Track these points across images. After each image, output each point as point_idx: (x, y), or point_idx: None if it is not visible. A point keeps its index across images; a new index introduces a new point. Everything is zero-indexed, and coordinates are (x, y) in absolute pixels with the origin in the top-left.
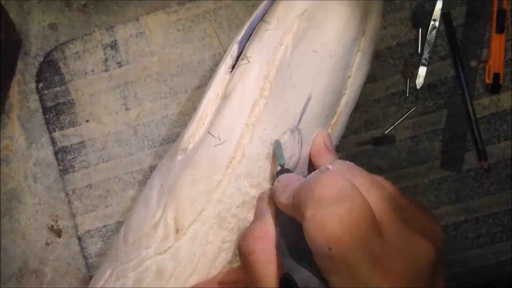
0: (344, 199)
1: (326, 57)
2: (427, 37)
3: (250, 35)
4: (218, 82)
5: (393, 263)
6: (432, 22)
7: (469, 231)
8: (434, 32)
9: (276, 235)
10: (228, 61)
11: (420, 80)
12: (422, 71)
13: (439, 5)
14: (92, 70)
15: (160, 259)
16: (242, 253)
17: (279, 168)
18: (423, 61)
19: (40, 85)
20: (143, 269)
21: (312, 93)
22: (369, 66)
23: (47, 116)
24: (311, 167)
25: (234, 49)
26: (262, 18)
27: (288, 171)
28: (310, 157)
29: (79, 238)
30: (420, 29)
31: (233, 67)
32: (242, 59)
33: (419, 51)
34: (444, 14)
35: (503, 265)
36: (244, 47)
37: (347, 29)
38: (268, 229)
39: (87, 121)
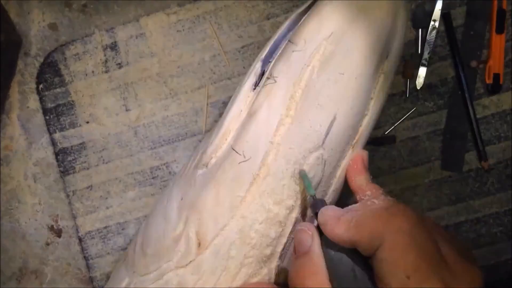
0: (420, 230)
1: (352, 79)
2: (427, 37)
3: (272, 53)
4: (242, 99)
5: None
6: (432, 23)
7: (469, 231)
8: (434, 32)
9: (327, 269)
10: (251, 78)
11: (420, 81)
12: (422, 71)
13: (439, 6)
14: (92, 71)
15: (182, 273)
16: None
17: (310, 198)
18: (423, 61)
19: (41, 86)
20: (164, 282)
21: (337, 114)
22: (390, 87)
23: (47, 117)
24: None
25: (257, 67)
26: (288, 39)
27: (322, 202)
28: (346, 175)
29: (80, 239)
30: (420, 30)
31: (255, 84)
32: (268, 78)
33: (419, 52)
34: (444, 14)
35: (503, 265)
36: (268, 65)
37: (373, 53)
38: (320, 264)
39: (87, 122)
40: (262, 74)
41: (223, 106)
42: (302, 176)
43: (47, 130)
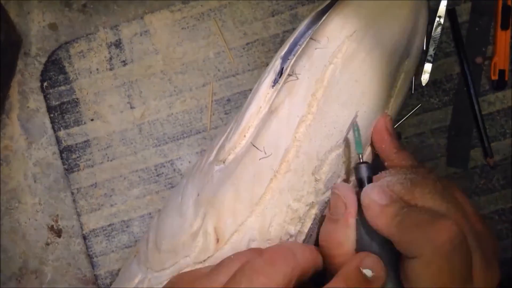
0: (459, 251)
1: (374, 78)
2: (432, 33)
3: (291, 50)
4: (261, 96)
5: None
6: (437, 19)
7: None
8: (439, 29)
9: (356, 241)
10: (271, 75)
11: (425, 77)
12: (428, 67)
13: (444, 2)
14: (97, 69)
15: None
16: (325, 254)
17: (356, 156)
18: (429, 57)
19: (45, 84)
20: None
21: (359, 112)
22: (408, 86)
23: (51, 115)
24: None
25: (277, 64)
26: (310, 36)
27: (368, 167)
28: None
29: (84, 237)
30: None
31: (275, 81)
32: (289, 75)
33: (425, 48)
34: (449, 10)
35: (505, 264)
36: (287, 62)
37: (395, 52)
38: (349, 235)
39: (92, 120)
40: (281, 71)
41: (227, 103)
42: (353, 128)
43: (52, 128)
